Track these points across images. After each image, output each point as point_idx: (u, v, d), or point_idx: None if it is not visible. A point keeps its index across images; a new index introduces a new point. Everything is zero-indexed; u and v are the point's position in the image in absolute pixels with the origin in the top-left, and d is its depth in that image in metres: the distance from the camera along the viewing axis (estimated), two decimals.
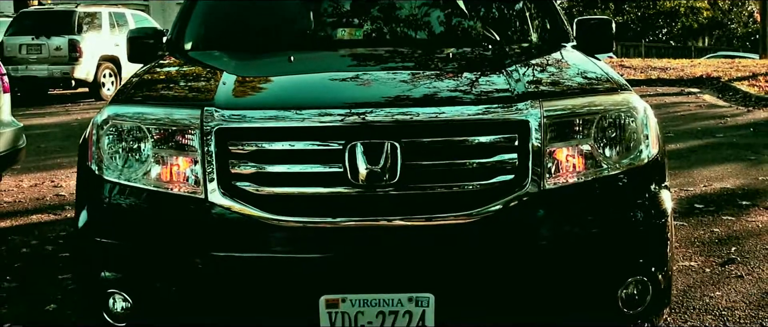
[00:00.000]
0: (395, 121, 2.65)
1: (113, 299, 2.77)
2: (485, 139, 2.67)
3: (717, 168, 7.62)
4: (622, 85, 3.01)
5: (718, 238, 5.23)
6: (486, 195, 2.64)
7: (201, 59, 3.82)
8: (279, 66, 3.51)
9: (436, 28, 4.23)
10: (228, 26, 4.33)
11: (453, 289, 2.61)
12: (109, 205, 2.82)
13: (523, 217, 2.65)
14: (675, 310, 3.98)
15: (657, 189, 2.88)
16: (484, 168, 2.66)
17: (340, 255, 2.61)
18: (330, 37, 4.11)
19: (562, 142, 2.75)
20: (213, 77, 3.24)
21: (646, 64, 21.11)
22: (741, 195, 6.44)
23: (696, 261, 4.76)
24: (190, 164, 2.72)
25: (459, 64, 3.52)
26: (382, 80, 3.17)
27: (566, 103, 2.81)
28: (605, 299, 2.74)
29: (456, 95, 2.90)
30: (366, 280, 2.60)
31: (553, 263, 2.66)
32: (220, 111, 2.73)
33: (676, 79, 17.48)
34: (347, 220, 2.60)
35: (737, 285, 4.34)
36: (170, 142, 2.77)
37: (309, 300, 2.57)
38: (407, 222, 2.60)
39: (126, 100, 2.99)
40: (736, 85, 15.38)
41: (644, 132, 2.87)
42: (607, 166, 2.80)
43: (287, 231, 2.62)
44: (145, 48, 4.06)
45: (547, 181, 2.69)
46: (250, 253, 2.64)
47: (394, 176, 2.60)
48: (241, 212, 2.63)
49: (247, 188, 2.66)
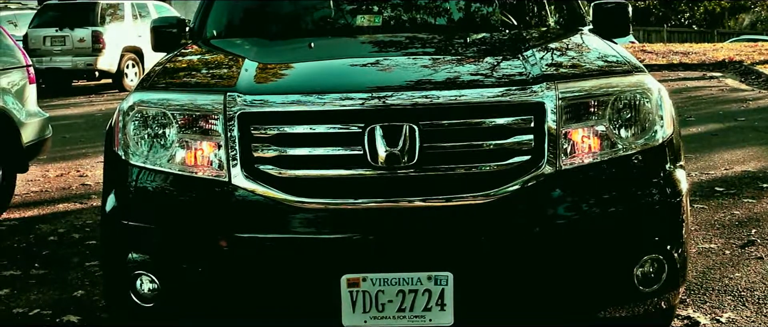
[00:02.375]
0: (413, 104, 2.70)
1: (140, 281, 2.83)
2: (502, 121, 2.71)
3: (738, 151, 7.61)
4: (637, 67, 3.04)
5: (738, 221, 5.24)
6: (503, 176, 2.68)
7: (223, 47, 3.88)
8: (299, 52, 3.57)
9: (453, 15, 4.27)
10: (249, 15, 4.39)
11: (471, 268, 2.66)
12: (135, 189, 2.88)
13: (539, 197, 2.69)
14: (694, 292, 4.01)
15: (672, 168, 2.91)
16: (501, 149, 2.70)
17: (361, 235, 2.66)
18: (349, 23, 4.15)
19: (577, 123, 2.78)
20: (235, 64, 3.31)
21: (668, 49, 20.98)
22: (762, 178, 6.44)
23: (716, 243, 4.78)
24: (214, 148, 2.78)
25: (475, 48, 3.56)
26: (400, 65, 3.21)
27: (581, 84, 2.85)
28: (621, 277, 2.77)
29: (472, 78, 2.94)
30: (386, 260, 2.64)
31: (570, 242, 2.69)
32: (243, 96, 2.79)
33: (698, 64, 17.38)
34: (367, 201, 2.65)
35: (757, 266, 4.36)
36: (194, 127, 2.83)
37: (330, 279, 2.63)
38: (426, 203, 2.65)
39: (151, 86, 3.06)
40: (758, 68, 15.27)
41: (659, 113, 2.90)
42: (623, 146, 2.83)
43: (309, 212, 2.68)
44: (168, 37, 4.13)
45: (563, 162, 2.73)
46: (273, 234, 2.69)
47: (412, 158, 2.65)
48: (263, 194, 2.69)
49: (270, 171, 2.72)
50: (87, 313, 4.02)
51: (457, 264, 2.64)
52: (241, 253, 2.69)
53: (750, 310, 3.79)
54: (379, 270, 2.62)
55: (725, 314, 3.74)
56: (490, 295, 2.70)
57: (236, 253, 2.70)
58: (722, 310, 3.79)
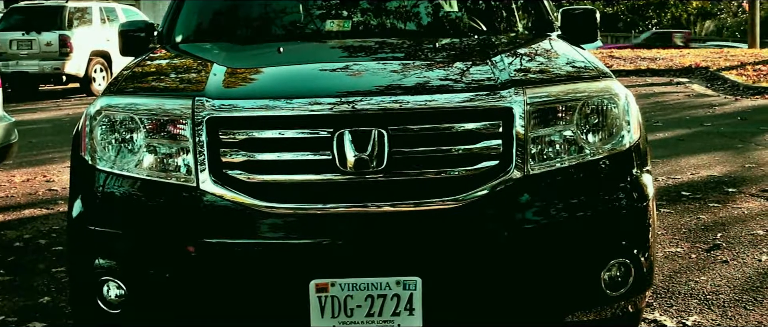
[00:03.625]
0: (381, 110, 2.70)
1: (107, 287, 2.81)
2: (470, 126, 2.72)
3: (704, 156, 7.70)
4: (604, 73, 3.07)
5: (704, 225, 5.30)
6: (471, 181, 2.69)
7: (192, 51, 3.86)
8: (268, 57, 3.56)
9: (422, 20, 4.28)
10: (218, 19, 4.37)
11: (440, 272, 2.66)
12: (102, 195, 2.86)
13: (507, 201, 2.70)
14: (661, 295, 4.05)
15: (639, 173, 2.94)
16: (470, 154, 2.71)
17: (329, 240, 2.65)
18: (319, 28, 4.15)
19: (545, 128, 2.80)
20: (204, 68, 3.29)
21: (635, 54, 21.19)
22: (727, 182, 6.52)
23: (682, 247, 4.83)
24: (182, 153, 2.77)
25: (444, 54, 3.57)
26: (369, 70, 3.22)
27: (549, 90, 2.87)
28: (588, 281, 2.79)
29: (441, 84, 2.95)
30: (355, 265, 2.64)
31: (538, 246, 2.71)
32: (211, 101, 2.78)
33: (665, 69, 17.58)
34: (336, 206, 2.65)
35: (722, 270, 4.41)
36: (162, 132, 2.81)
37: (299, 285, 2.62)
38: (395, 208, 2.65)
39: (118, 91, 3.04)
40: (724, 74, 15.48)
41: (626, 118, 2.93)
42: (590, 151, 2.85)
43: (277, 217, 2.67)
44: (136, 41, 4.10)
45: (531, 167, 2.74)
46: (241, 240, 2.68)
47: (381, 163, 2.65)
48: (232, 200, 2.68)
49: (238, 176, 2.71)
50: (53, 319, 3.98)
51: (426, 269, 2.64)
52: (210, 259, 2.68)
53: (715, 313, 3.83)
54: (347, 275, 2.62)
55: (691, 317, 3.78)
56: (458, 299, 2.71)
57: (204, 258, 2.68)
58: (688, 314, 3.83)
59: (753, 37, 26.83)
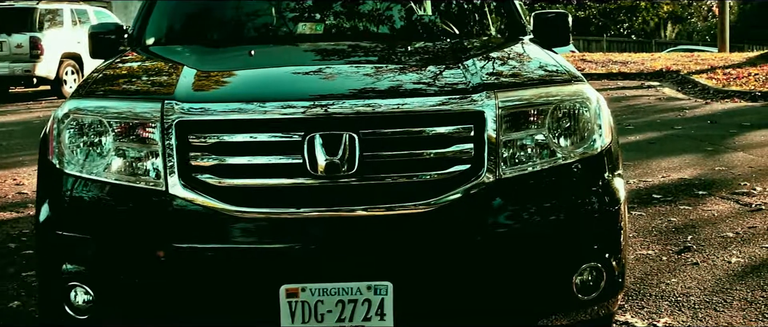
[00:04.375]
0: (352, 113, 2.69)
1: (75, 292, 2.77)
2: (442, 129, 2.72)
3: (675, 159, 7.76)
4: (576, 77, 3.08)
5: (675, 227, 5.34)
6: (443, 185, 2.68)
7: (162, 54, 3.83)
8: (239, 60, 3.54)
9: (395, 23, 4.28)
10: (189, 21, 4.34)
11: (411, 277, 2.66)
12: (70, 199, 2.83)
13: (479, 205, 2.70)
14: (632, 297, 4.07)
15: (610, 177, 2.95)
16: (441, 158, 2.71)
17: (300, 245, 2.64)
18: (291, 31, 4.14)
19: (517, 131, 2.80)
20: (174, 71, 3.26)
21: (607, 58, 21.34)
22: (698, 185, 6.57)
23: (653, 249, 4.86)
24: (151, 157, 2.74)
25: (416, 57, 3.56)
26: (341, 73, 3.21)
27: (521, 93, 2.87)
28: (560, 285, 2.79)
29: (412, 87, 2.94)
30: (326, 270, 2.63)
31: (509, 250, 2.71)
32: (181, 104, 2.75)
33: (637, 73, 17.72)
34: (307, 210, 2.63)
35: (693, 272, 4.44)
36: (131, 135, 2.78)
37: (269, 290, 2.60)
38: (366, 212, 2.64)
39: (87, 94, 3.00)
40: (695, 78, 15.63)
41: (597, 122, 2.94)
42: (562, 155, 2.86)
43: (248, 222, 2.65)
44: (106, 44, 4.06)
45: (503, 171, 2.74)
46: (211, 245, 2.66)
47: (352, 167, 2.64)
48: (202, 204, 2.66)
49: (209, 180, 2.68)
50: (23, 324, 3.93)
51: (397, 273, 2.63)
52: (179, 264, 2.65)
53: (686, 314, 3.86)
54: (318, 280, 2.61)
55: (662, 319, 3.80)
56: (430, 304, 2.70)
57: (174, 264, 2.66)
58: (659, 316, 3.85)
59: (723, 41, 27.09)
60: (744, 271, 4.42)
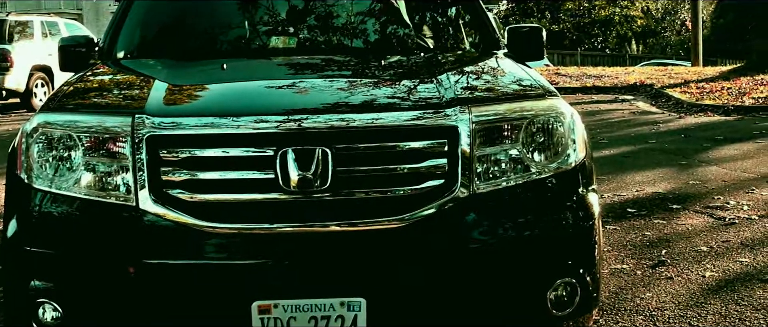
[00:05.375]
0: (326, 128, 2.67)
1: (43, 309, 2.73)
2: (415, 144, 2.70)
3: (649, 173, 7.79)
4: (550, 91, 3.08)
5: (649, 241, 5.35)
6: (417, 200, 2.67)
7: (133, 67, 3.79)
8: (211, 74, 3.51)
9: (369, 37, 4.27)
10: (160, 35, 4.30)
11: (384, 293, 2.64)
12: (38, 214, 2.78)
13: (453, 221, 2.69)
14: (607, 311, 4.06)
15: (584, 192, 2.94)
16: (415, 173, 2.69)
17: (272, 261, 2.61)
18: (263, 45, 4.11)
19: (491, 146, 2.79)
20: (145, 85, 3.23)
21: (581, 72, 21.47)
22: (672, 199, 6.60)
23: (628, 264, 4.86)
24: (122, 172, 2.71)
25: (390, 72, 3.55)
26: (313, 87, 3.19)
27: (495, 108, 2.86)
28: (535, 301, 2.78)
29: (386, 102, 2.93)
30: (299, 286, 2.61)
31: (484, 266, 2.70)
32: (152, 118, 2.73)
33: (611, 87, 17.82)
34: (280, 226, 2.61)
35: (667, 286, 4.44)
36: (101, 150, 2.75)
37: (242, 306, 2.57)
38: (340, 227, 2.62)
39: (56, 107, 2.96)
40: (668, 91, 15.76)
41: (571, 136, 2.94)
42: (536, 170, 2.85)
43: (220, 237, 2.62)
44: (76, 57, 4.02)
45: (477, 186, 2.73)
46: (182, 260, 2.63)
47: (325, 182, 2.62)
48: (173, 219, 2.63)
49: (180, 195, 2.65)
50: None
51: (371, 289, 2.61)
52: (149, 281, 2.62)
53: None
54: (291, 296, 2.58)
55: None
56: (403, 319, 2.68)
57: (144, 280, 2.62)
58: None
59: (696, 56, 27.37)
60: (718, 285, 4.44)
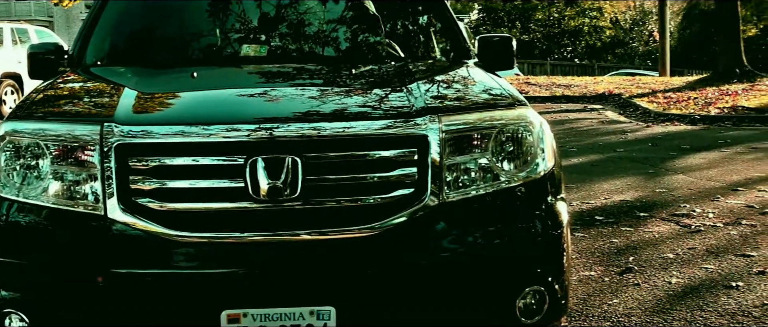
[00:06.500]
0: (296, 136, 2.68)
1: (9, 319, 2.70)
2: (385, 153, 2.71)
3: (617, 181, 7.86)
4: (519, 101, 3.10)
5: (617, 249, 5.40)
6: (387, 208, 2.68)
7: (103, 75, 3.77)
8: (180, 82, 3.49)
9: (340, 45, 4.27)
10: (131, 42, 4.28)
11: (354, 301, 2.64)
12: (5, 224, 2.75)
13: (423, 229, 2.70)
14: (575, 317, 4.10)
15: (553, 201, 2.97)
16: (385, 182, 2.70)
17: (241, 270, 2.61)
18: (235, 53, 4.10)
19: (460, 155, 2.81)
20: (114, 93, 3.21)
21: (551, 81, 21.63)
22: (639, 207, 6.66)
23: (596, 270, 4.90)
24: (90, 181, 2.69)
25: (361, 81, 3.56)
26: (283, 96, 3.18)
27: (464, 117, 2.88)
28: (504, 309, 2.80)
29: (356, 111, 2.94)
30: (268, 295, 2.60)
31: (453, 275, 2.71)
32: (120, 127, 2.71)
33: (580, 96, 17.97)
34: (250, 235, 2.61)
35: (634, 292, 4.49)
36: (69, 158, 2.73)
37: (211, 315, 2.57)
38: (310, 236, 2.62)
39: (24, 116, 2.94)
40: (636, 101, 15.92)
41: (540, 146, 2.96)
42: (505, 178, 2.87)
43: (189, 246, 2.61)
44: (46, 64, 3.99)
45: (447, 194, 2.75)
46: (151, 270, 2.62)
47: (295, 191, 2.62)
48: (142, 229, 2.62)
49: (149, 204, 2.64)
50: None
51: (341, 298, 2.62)
52: (118, 290, 2.60)
53: None
54: (260, 305, 2.58)
55: None
56: None
57: (112, 289, 2.60)
58: None
59: (663, 66, 27.69)
60: (684, 291, 4.49)
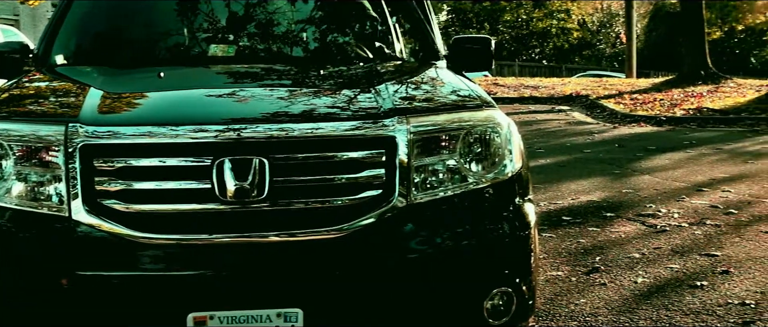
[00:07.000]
0: (262, 138, 2.66)
1: None
2: (353, 155, 2.71)
3: (584, 182, 7.92)
4: (487, 102, 3.11)
5: (583, 249, 5.44)
6: (355, 210, 2.67)
7: (68, 74, 3.73)
8: (147, 82, 3.46)
9: (308, 46, 4.26)
10: (97, 41, 4.23)
11: (322, 303, 2.63)
12: None
13: (391, 231, 2.70)
14: (542, 317, 4.12)
15: (521, 202, 2.98)
16: (353, 183, 2.69)
17: (208, 272, 2.59)
18: (202, 53, 4.07)
19: (428, 157, 2.81)
20: (80, 93, 3.17)
21: (519, 82, 21.75)
22: (606, 207, 6.72)
23: (563, 270, 4.94)
24: (54, 182, 2.66)
25: (329, 81, 3.55)
26: (251, 97, 3.16)
27: (433, 119, 2.88)
28: (471, 311, 2.80)
29: (324, 112, 2.93)
30: (235, 297, 2.59)
31: (421, 276, 2.70)
32: (86, 127, 2.68)
33: (548, 97, 18.09)
34: (216, 236, 2.59)
35: (600, 292, 4.52)
36: (33, 159, 2.69)
37: (177, 318, 2.54)
38: (278, 237, 2.61)
39: None
40: (603, 102, 16.05)
41: (508, 147, 2.97)
42: (473, 180, 2.88)
43: (156, 248, 2.59)
44: (10, 63, 3.93)
45: (415, 196, 2.75)
46: (116, 272, 2.59)
47: (262, 192, 2.61)
48: (107, 230, 2.59)
49: (114, 206, 2.62)
50: None
51: (308, 300, 2.61)
52: (83, 292, 2.57)
53: None
54: (227, 307, 2.56)
55: None
56: None
57: (77, 292, 2.57)
58: None
59: (630, 67, 27.94)
60: (649, 291, 4.53)
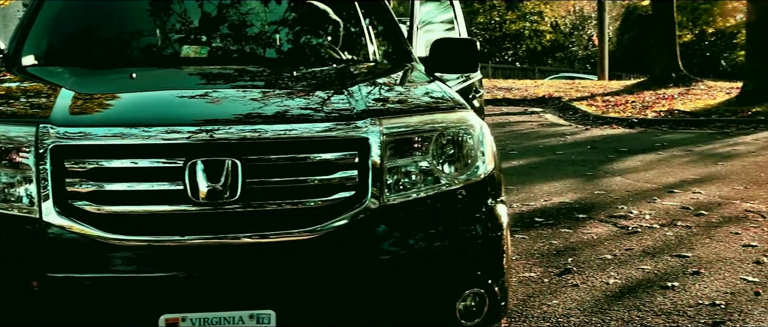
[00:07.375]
0: (235, 139, 2.66)
1: None
2: (326, 156, 2.71)
3: (556, 183, 7.97)
4: (460, 104, 3.12)
5: (556, 250, 5.47)
6: (328, 211, 2.67)
7: (39, 75, 3.70)
8: (119, 83, 3.44)
9: (282, 47, 4.25)
10: (69, 41, 4.20)
11: (295, 304, 2.63)
12: None
13: (363, 232, 2.70)
14: (515, 319, 4.14)
15: (493, 203, 3.00)
16: (326, 185, 2.70)
17: (180, 274, 2.58)
18: (175, 54, 4.06)
19: (401, 158, 2.82)
20: (51, 93, 3.14)
21: (492, 84, 21.83)
22: (578, 208, 6.76)
23: (535, 272, 4.97)
24: (25, 183, 2.64)
25: (302, 83, 3.54)
26: (224, 98, 3.16)
27: (405, 120, 2.89)
28: (444, 312, 2.81)
29: (296, 113, 2.93)
30: (207, 299, 2.58)
31: (393, 277, 2.71)
32: (57, 128, 2.66)
33: (521, 99, 18.19)
34: (188, 238, 2.58)
35: (573, 293, 4.55)
36: (3, 160, 2.67)
37: (149, 320, 2.53)
38: (250, 239, 2.60)
39: None
40: (575, 104, 16.17)
41: (481, 149, 2.99)
42: (446, 181, 2.89)
43: (127, 250, 2.58)
44: None
45: (388, 197, 2.75)
46: (88, 274, 2.57)
47: (235, 194, 2.61)
48: (78, 232, 2.57)
49: (86, 207, 2.60)
50: None
51: (281, 301, 2.61)
52: (54, 295, 2.55)
53: None
54: (199, 309, 2.55)
55: None
56: None
57: (48, 294, 2.55)
58: None
59: (602, 70, 28.14)
60: (621, 291, 4.57)
